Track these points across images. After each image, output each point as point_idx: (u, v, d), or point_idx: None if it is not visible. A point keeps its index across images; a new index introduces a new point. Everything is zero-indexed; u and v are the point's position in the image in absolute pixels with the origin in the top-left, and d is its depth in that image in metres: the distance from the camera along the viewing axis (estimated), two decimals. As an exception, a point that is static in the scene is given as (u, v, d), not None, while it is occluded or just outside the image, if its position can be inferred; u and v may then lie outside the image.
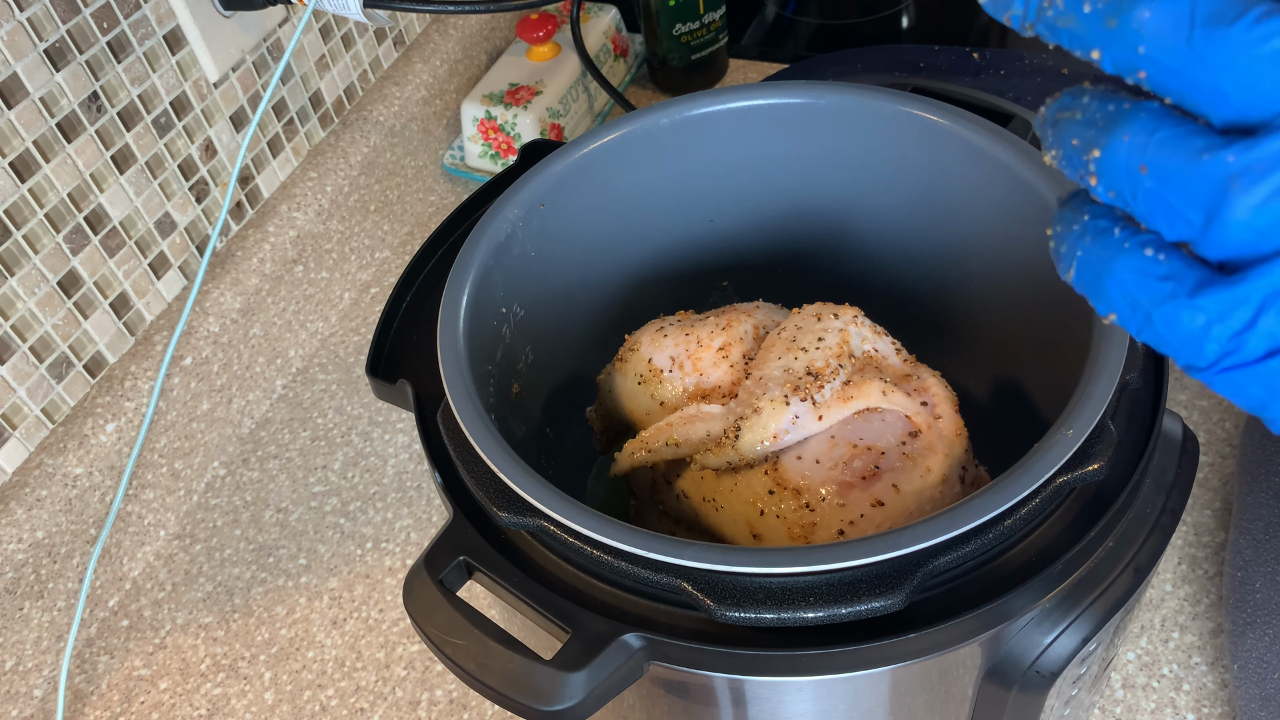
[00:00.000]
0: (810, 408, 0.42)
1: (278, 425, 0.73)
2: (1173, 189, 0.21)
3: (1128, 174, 0.22)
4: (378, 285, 0.82)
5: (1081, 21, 0.22)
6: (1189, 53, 0.20)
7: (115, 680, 0.61)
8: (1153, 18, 0.20)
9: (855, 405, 0.43)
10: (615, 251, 0.54)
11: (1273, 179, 0.19)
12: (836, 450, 0.42)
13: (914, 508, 0.41)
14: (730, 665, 0.35)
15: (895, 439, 0.42)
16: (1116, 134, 0.22)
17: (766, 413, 0.42)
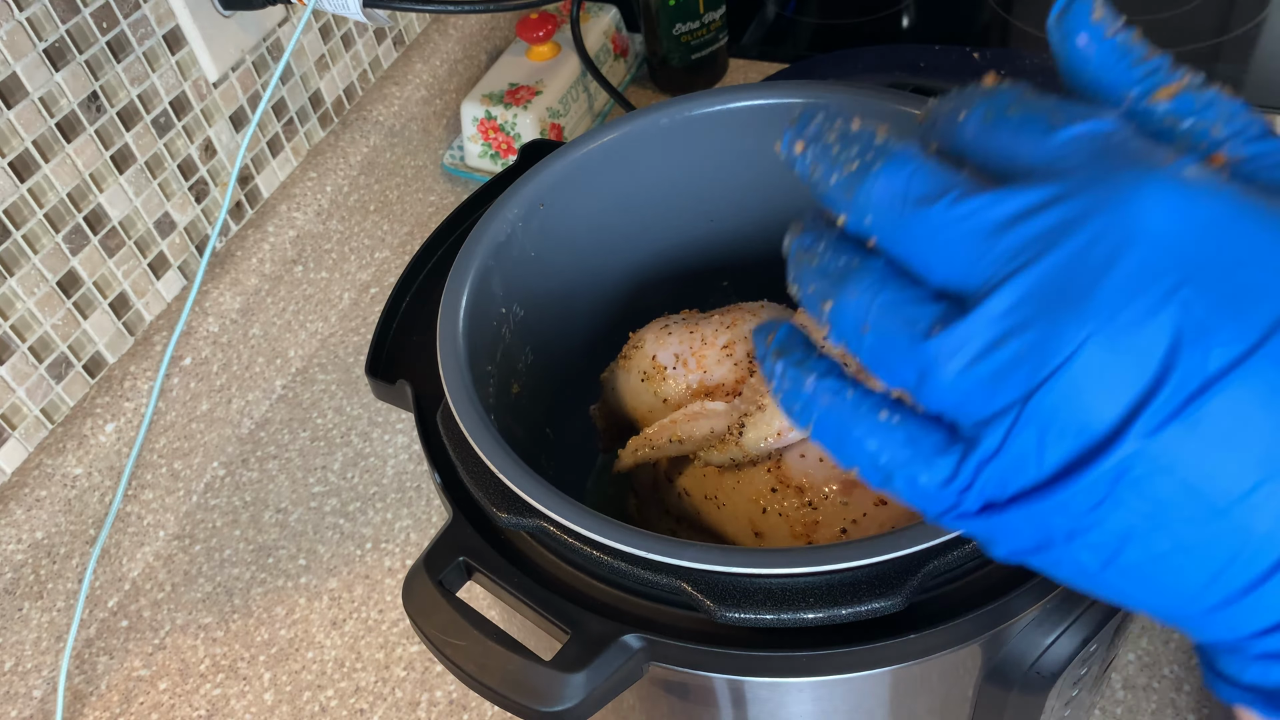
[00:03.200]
0: None
1: (277, 425, 0.73)
2: (890, 351, 0.23)
3: (854, 330, 0.24)
4: (377, 285, 0.82)
5: (832, 189, 0.24)
6: (902, 227, 0.23)
7: (114, 681, 0.61)
8: (877, 194, 0.23)
9: None
10: (615, 252, 0.54)
11: (974, 347, 0.22)
12: None
13: None
14: (730, 666, 0.35)
15: None
16: (846, 291, 0.24)
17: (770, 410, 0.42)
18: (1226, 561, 0.21)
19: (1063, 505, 0.22)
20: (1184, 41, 0.90)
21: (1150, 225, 0.21)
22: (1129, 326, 0.21)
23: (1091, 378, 0.21)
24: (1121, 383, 0.21)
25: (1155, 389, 0.21)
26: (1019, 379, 0.21)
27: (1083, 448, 0.21)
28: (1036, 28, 0.95)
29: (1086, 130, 0.22)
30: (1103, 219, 0.21)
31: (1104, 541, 0.22)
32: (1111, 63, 0.24)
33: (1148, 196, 0.21)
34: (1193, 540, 0.21)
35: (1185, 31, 0.91)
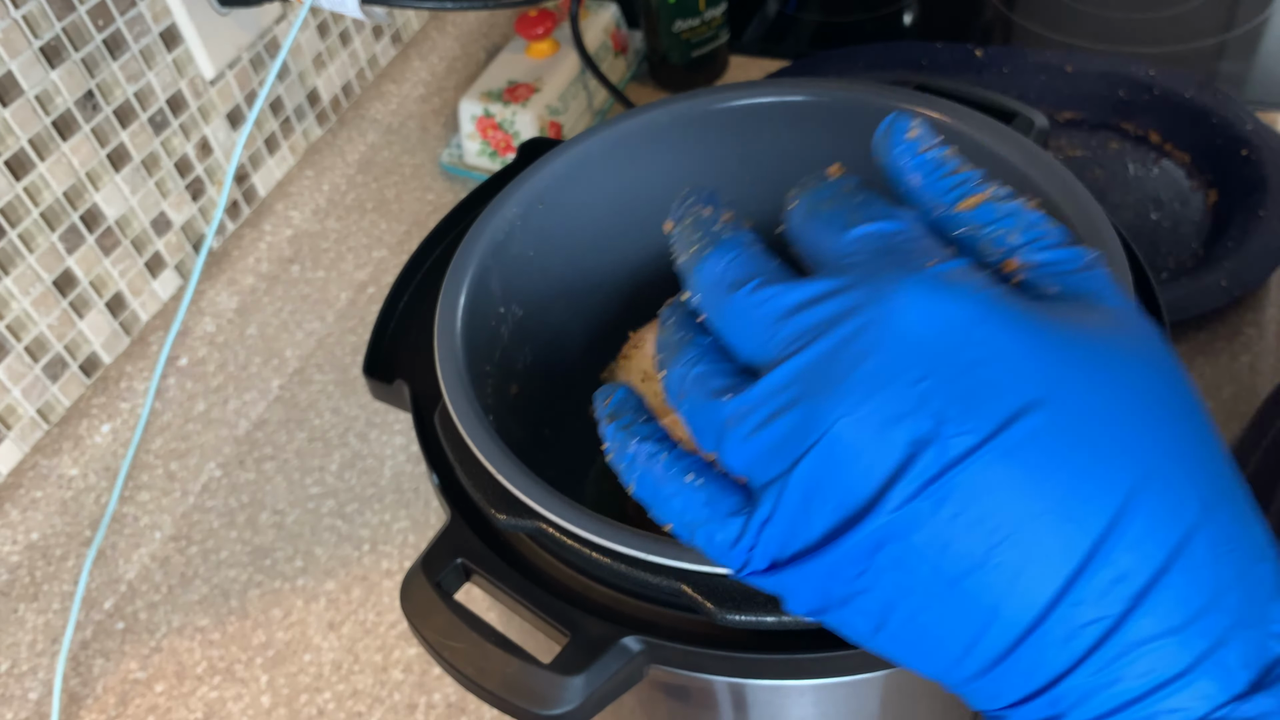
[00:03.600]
0: None
1: (274, 426, 0.73)
2: (698, 416, 0.26)
3: (675, 396, 0.27)
4: (375, 285, 0.82)
5: (680, 268, 0.28)
6: (718, 307, 0.26)
7: (110, 683, 0.61)
8: (703, 276, 0.27)
9: None
10: (614, 251, 0.54)
11: (755, 418, 0.25)
12: None
13: None
14: (731, 668, 0.35)
15: None
16: (674, 361, 0.27)
17: None
18: (978, 632, 0.23)
19: (832, 570, 0.24)
20: (1187, 40, 0.89)
21: (902, 323, 0.23)
22: (876, 412, 0.23)
23: (844, 454, 0.23)
24: (872, 461, 0.23)
25: (902, 469, 0.23)
26: (790, 448, 0.24)
27: (842, 517, 0.24)
28: (1039, 25, 0.94)
29: (874, 230, 0.25)
30: (866, 313, 0.24)
31: (872, 608, 0.24)
32: (925, 174, 0.27)
33: (904, 295, 0.24)
34: (942, 610, 0.24)
35: (1188, 30, 0.91)
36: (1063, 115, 0.81)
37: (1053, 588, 0.22)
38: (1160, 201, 0.74)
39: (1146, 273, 0.42)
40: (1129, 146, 0.78)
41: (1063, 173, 0.42)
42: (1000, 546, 0.23)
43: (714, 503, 0.26)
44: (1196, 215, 0.72)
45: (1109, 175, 0.76)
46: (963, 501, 0.23)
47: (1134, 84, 0.79)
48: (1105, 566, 0.22)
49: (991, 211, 0.26)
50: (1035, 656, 0.23)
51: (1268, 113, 0.80)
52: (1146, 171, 0.76)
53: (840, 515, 0.24)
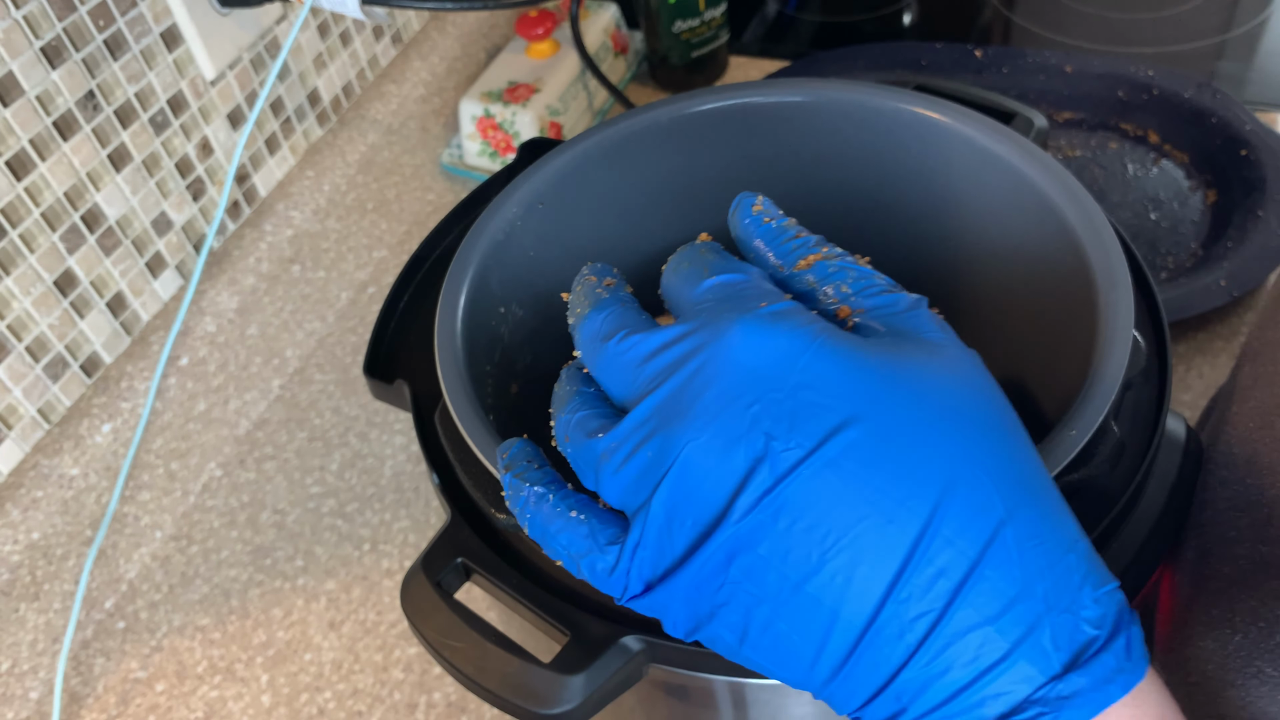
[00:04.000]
0: None
1: (275, 426, 0.73)
2: (580, 456, 0.29)
3: (562, 440, 0.30)
4: (375, 285, 0.82)
5: (570, 329, 0.32)
6: (593, 358, 0.30)
7: (111, 683, 0.61)
8: (583, 332, 0.31)
9: None
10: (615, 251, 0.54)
11: (622, 452, 0.27)
12: None
13: None
14: (730, 667, 0.35)
15: None
16: (561, 409, 0.30)
17: None
18: (824, 634, 0.25)
19: (696, 584, 0.27)
20: (1186, 40, 0.90)
21: (736, 355, 0.27)
22: (717, 436, 0.26)
23: (694, 476, 0.26)
24: (717, 480, 0.26)
25: (742, 484, 0.25)
26: (651, 475, 0.27)
27: (699, 533, 0.26)
28: (1039, 26, 0.95)
29: (721, 280, 0.29)
30: (708, 350, 0.27)
31: (734, 619, 0.27)
32: (768, 240, 0.31)
33: (737, 332, 0.27)
34: (792, 616, 0.26)
35: (1187, 30, 0.91)
36: (1062, 115, 0.81)
37: (881, 586, 0.25)
38: (1159, 201, 0.74)
39: (1145, 273, 0.42)
40: (1128, 147, 0.78)
41: (1062, 173, 0.42)
42: (832, 550, 0.25)
43: (594, 534, 0.29)
44: (1195, 215, 0.72)
45: (1108, 175, 0.76)
46: (796, 511, 0.25)
47: (1133, 84, 0.79)
48: (926, 563, 0.24)
49: (826, 267, 0.30)
50: (875, 653, 0.25)
51: (1266, 113, 0.80)
52: (1145, 171, 0.76)
53: (697, 531, 0.26)
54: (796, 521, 0.25)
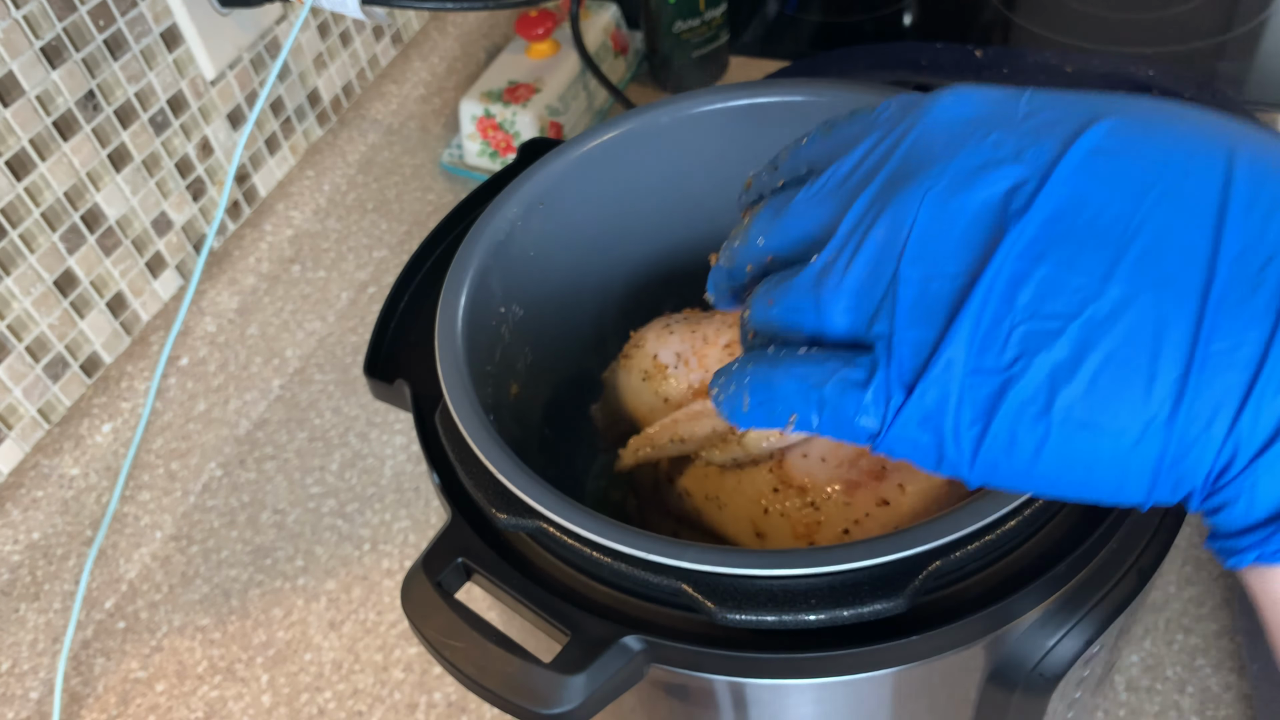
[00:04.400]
0: None
1: (275, 426, 0.73)
2: (789, 299, 0.26)
3: (762, 307, 0.27)
4: (375, 285, 0.82)
5: (734, 244, 0.32)
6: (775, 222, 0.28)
7: (111, 683, 0.61)
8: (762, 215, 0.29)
9: None
10: (615, 251, 0.54)
11: (846, 252, 0.24)
12: (843, 449, 0.42)
13: (920, 508, 0.41)
14: (731, 668, 0.35)
15: None
16: (755, 298, 0.28)
17: None
18: (1158, 335, 0.20)
19: (978, 347, 0.22)
20: (1186, 40, 0.90)
21: (951, 113, 0.24)
22: (959, 173, 0.23)
23: (942, 224, 0.22)
24: (971, 215, 0.22)
25: (1004, 202, 0.22)
26: (889, 254, 0.23)
27: (962, 283, 0.22)
28: (1039, 26, 0.95)
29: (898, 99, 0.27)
30: (917, 124, 0.25)
31: (1039, 374, 0.21)
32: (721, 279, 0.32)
33: (946, 97, 0.25)
34: (1114, 325, 0.21)
35: (1187, 29, 0.91)
36: (1062, 115, 0.81)
37: (1205, 249, 0.20)
38: (1160, 202, 0.74)
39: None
40: (1128, 147, 0.78)
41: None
42: (1134, 225, 0.20)
43: (834, 355, 0.24)
44: (1196, 215, 0.72)
45: (1108, 175, 0.76)
46: (1078, 202, 0.21)
47: (1133, 84, 0.79)
48: (1247, 206, 0.20)
49: None
50: (1229, 322, 0.19)
51: (1267, 113, 0.80)
52: (1146, 172, 0.76)
53: (959, 282, 0.22)
54: (1081, 213, 0.21)
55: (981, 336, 0.22)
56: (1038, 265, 0.21)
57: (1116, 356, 0.21)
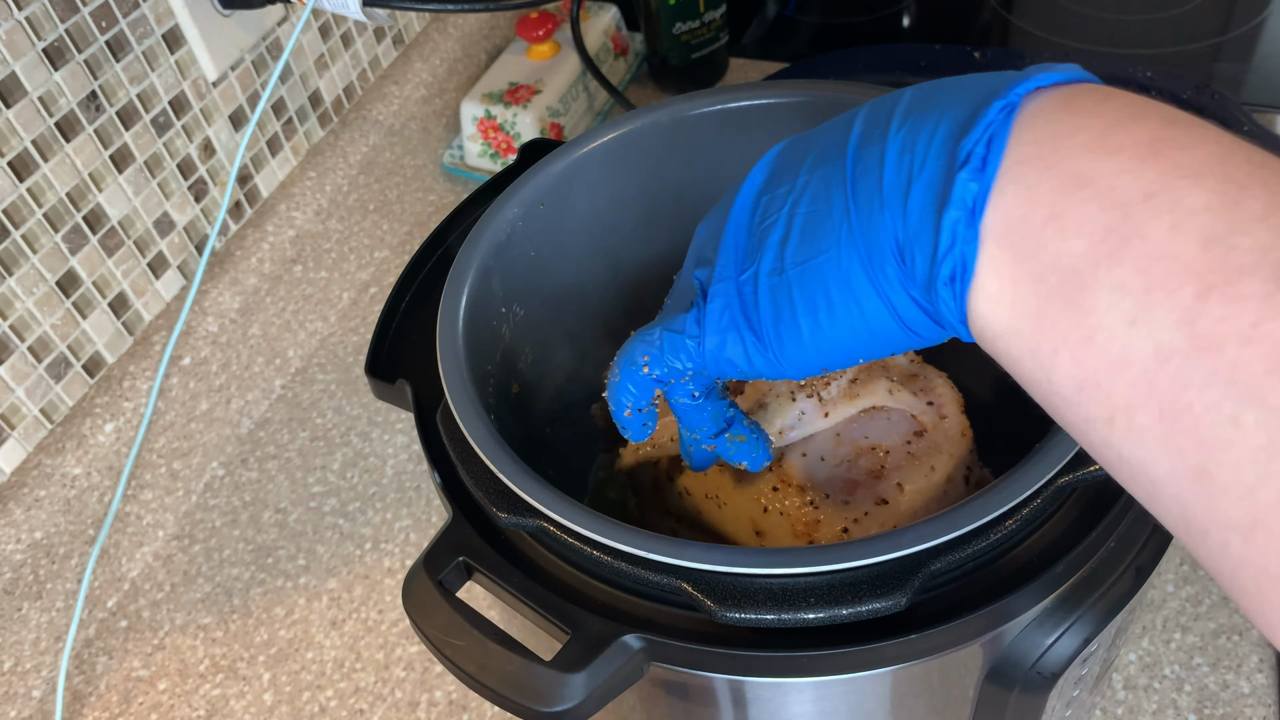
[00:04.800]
0: (816, 404, 0.42)
1: (276, 425, 0.73)
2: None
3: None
4: (377, 285, 0.82)
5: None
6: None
7: (114, 681, 0.61)
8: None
9: (861, 403, 0.42)
10: (615, 251, 0.54)
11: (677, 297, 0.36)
12: (842, 448, 0.42)
13: (918, 506, 0.41)
14: (731, 666, 0.35)
15: (900, 438, 0.42)
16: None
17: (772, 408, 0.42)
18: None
19: (735, 262, 0.32)
20: (1184, 41, 0.90)
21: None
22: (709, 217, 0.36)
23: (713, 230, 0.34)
24: (722, 214, 0.35)
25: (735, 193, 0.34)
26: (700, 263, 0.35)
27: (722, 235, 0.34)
28: (1037, 27, 0.95)
29: None
30: None
31: (772, 265, 0.31)
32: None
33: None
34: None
35: (1185, 31, 0.91)
36: (1061, 116, 0.81)
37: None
38: (1158, 202, 0.74)
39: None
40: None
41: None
42: (816, 141, 0.32)
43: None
44: (1194, 216, 0.72)
45: (1107, 176, 0.76)
46: (779, 156, 0.34)
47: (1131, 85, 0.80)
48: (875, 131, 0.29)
49: None
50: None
51: (1265, 114, 0.80)
52: (1144, 173, 0.76)
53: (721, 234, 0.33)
54: (780, 161, 0.33)
55: (737, 253, 0.31)
56: (759, 198, 0.31)
57: (810, 212, 0.30)
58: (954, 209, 0.25)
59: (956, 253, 0.25)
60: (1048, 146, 0.24)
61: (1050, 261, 0.24)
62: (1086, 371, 0.23)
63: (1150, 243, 0.22)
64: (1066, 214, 0.23)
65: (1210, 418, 0.21)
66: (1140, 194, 0.23)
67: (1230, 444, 0.21)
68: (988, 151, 0.25)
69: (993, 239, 0.25)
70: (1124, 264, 0.22)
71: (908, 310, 0.28)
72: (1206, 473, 0.21)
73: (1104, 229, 0.23)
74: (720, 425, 0.38)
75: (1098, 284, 0.23)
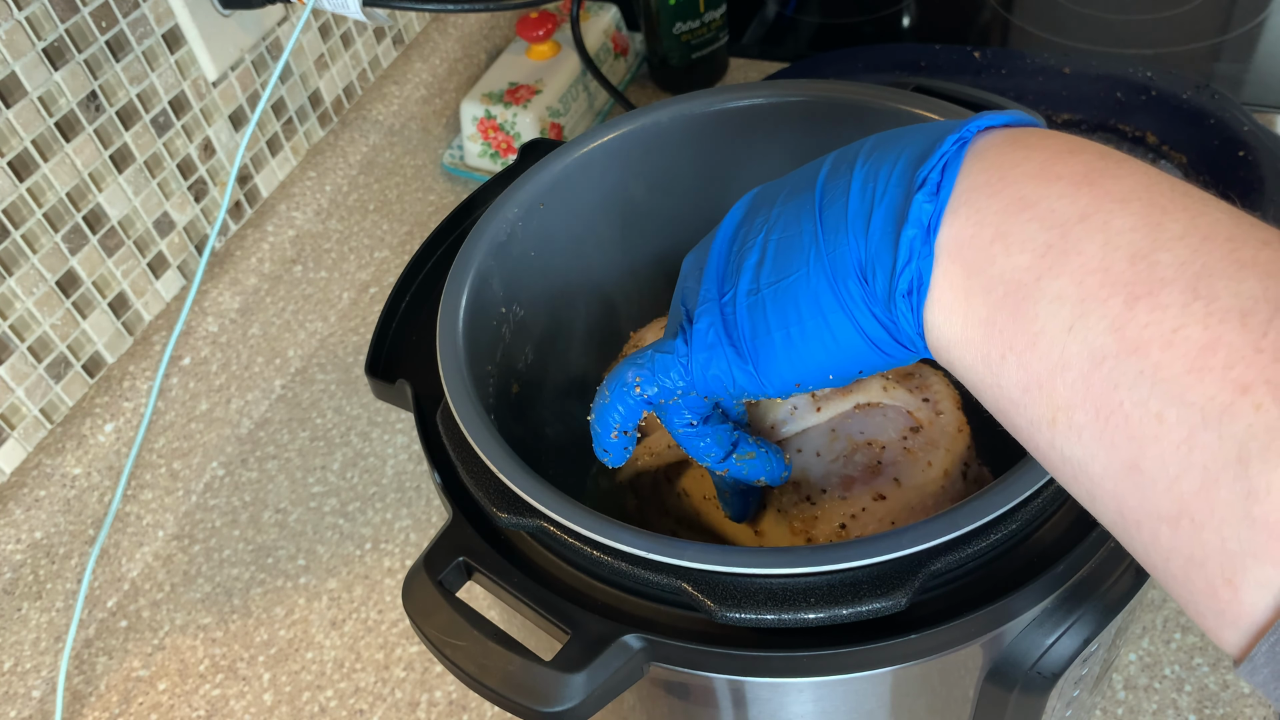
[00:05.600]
0: (809, 400, 0.42)
1: (276, 425, 0.73)
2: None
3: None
4: (377, 285, 0.82)
5: None
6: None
7: (114, 681, 0.61)
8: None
9: (855, 399, 0.43)
10: (615, 252, 0.54)
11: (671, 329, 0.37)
12: (837, 444, 0.42)
13: (915, 502, 0.41)
14: (731, 666, 0.35)
15: (896, 434, 0.42)
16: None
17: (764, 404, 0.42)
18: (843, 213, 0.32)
19: (716, 284, 0.34)
20: (1184, 41, 0.90)
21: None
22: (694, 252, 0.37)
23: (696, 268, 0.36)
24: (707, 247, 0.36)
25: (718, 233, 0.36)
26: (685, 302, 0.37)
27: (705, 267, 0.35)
28: (1037, 27, 0.95)
29: None
30: None
31: (748, 286, 0.33)
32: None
33: None
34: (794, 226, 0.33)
35: (1186, 31, 0.91)
36: (1060, 117, 0.81)
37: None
38: (1158, 202, 0.74)
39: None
40: (1126, 148, 0.78)
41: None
42: (789, 182, 0.34)
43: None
44: (1194, 216, 0.72)
45: (1107, 176, 0.76)
46: (754, 199, 0.35)
47: (1131, 86, 0.80)
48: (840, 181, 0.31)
49: None
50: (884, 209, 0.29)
51: (1265, 114, 0.80)
52: (1144, 173, 0.76)
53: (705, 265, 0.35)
54: (756, 201, 0.35)
55: (719, 278, 0.34)
56: (739, 229, 0.34)
57: (782, 238, 0.32)
58: (911, 227, 0.27)
59: (914, 266, 0.27)
60: (995, 174, 0.27)
61: (997, 275, 0.26)
62: (1031, 375, 0.25)
63: (1085, 257, 0.24)
64: (1011, 233, 0.26)
65: (1138, 414, 0.23)
66: (1076, 215, 0.25)
67: (1156, 438, 0.23)
68: (941, 178, 0.27)
69: (946, 255, 0.27)
70: (1062, 277, 0.25)
71: (870, 326, 0.30)
72: (1137, 466, 0.23)
73: (1045, 245, 0.25)
74: (725, 448, 0.39)
75: (1040, 294, 0.25)
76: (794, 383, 0.33)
